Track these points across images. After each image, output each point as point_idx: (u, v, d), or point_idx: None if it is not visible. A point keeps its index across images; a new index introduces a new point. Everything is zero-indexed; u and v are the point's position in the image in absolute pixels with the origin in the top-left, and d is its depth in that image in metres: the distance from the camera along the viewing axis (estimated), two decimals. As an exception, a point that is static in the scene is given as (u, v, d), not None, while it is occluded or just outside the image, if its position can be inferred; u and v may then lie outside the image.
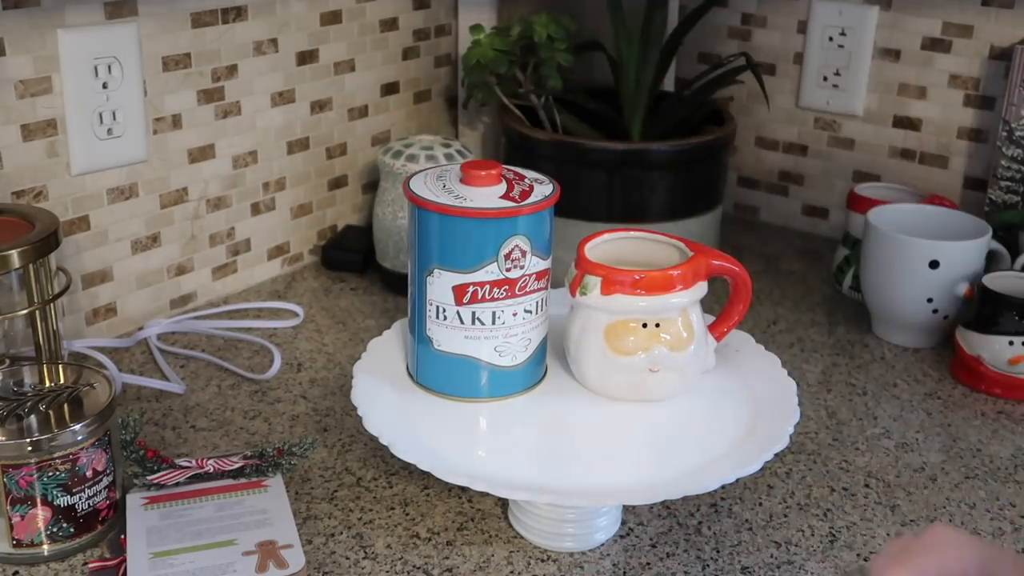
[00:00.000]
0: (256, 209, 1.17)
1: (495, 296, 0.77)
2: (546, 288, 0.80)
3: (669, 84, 1.41)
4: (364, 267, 1.22)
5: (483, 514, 0.81)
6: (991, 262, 1.08)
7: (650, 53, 1.19)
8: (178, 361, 1.03)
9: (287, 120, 1.17)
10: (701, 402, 0.81)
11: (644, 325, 0.77)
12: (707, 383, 0.83)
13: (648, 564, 0.76)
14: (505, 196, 0.76)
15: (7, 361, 0.89)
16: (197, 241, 1.12)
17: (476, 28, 1.17)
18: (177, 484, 0.79)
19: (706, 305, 0.82)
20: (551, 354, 0.85)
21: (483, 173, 0.77)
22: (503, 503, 0.82)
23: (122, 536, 0.75)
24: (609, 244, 0.83)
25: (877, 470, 0.89)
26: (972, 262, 1.05)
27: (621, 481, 0.71)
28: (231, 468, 0.80)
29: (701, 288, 0.79)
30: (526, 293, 0.77)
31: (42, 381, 0.79)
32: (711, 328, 0.83)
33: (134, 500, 0.78)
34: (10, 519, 0.73)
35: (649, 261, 0.81)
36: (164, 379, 0.98)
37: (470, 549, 0.77)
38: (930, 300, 1.05)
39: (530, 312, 0.78)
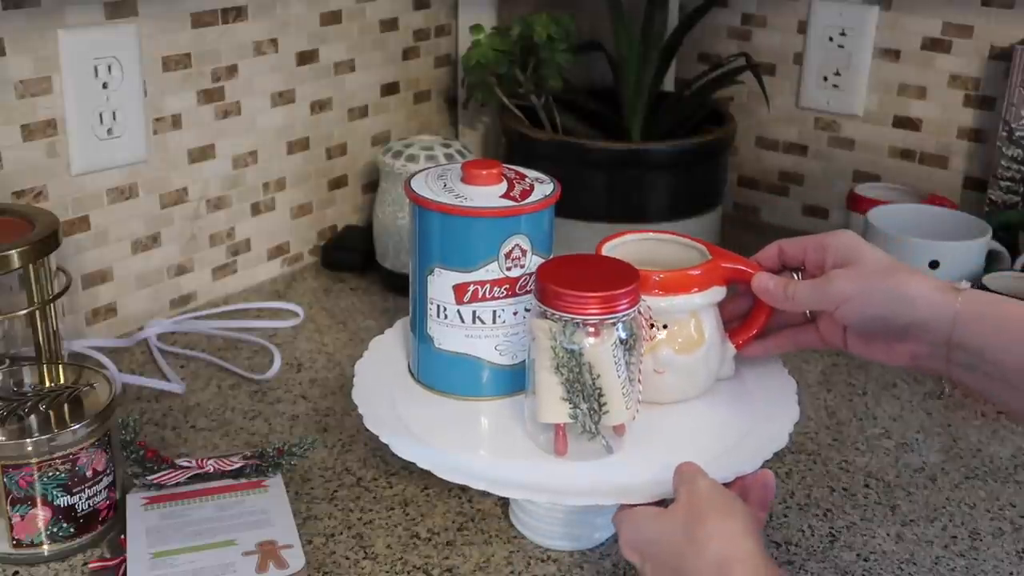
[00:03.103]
0: (256, 209, 1.17)
1: (495, 295, 0.77)
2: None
3: (669, 84, 1.41)
4: (364, 267, 1.22)
5: (483, 514, 0.81)
6: (991, 262, 1.08)
7: (650, 53, 1.19)
8: (178, 361, 1.03)
9: (287, 120, 1.17)
10: (701, 402, 0.81)
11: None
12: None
13: (648, 564, 0.76)
14: (506, 195, 0.76)
15: (7, 361, 0.89)
16: (197, 241, 1.12)
17: (476, 28, 1.17)
18: (177, 484, 0.79)
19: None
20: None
21: (484, 172, 0.77)
22: (503, 503, 0.82)
23: (122, 536, 0.75)
24: (630, 246, 0.82)
25: (877, 470, 0.88)
26: (972, 262, 1.05)
27: (621, 481, 0.71)
28: (231, 468, 0.80)
29: (716, 292, 0.78)
30: (526, 292, 0.77)
31: (42, 381, 0.79)
32: (731, 335, 0.81)
33: (134, 500, 0.78)
34: (10, 519, 0.73)
35: (666, 262, 0.80)
36: (164, 379, 0.98)
37: (470, 549, 0.77)
38: (930, 300, 1.05)
39: (530, 311, 0.78)
